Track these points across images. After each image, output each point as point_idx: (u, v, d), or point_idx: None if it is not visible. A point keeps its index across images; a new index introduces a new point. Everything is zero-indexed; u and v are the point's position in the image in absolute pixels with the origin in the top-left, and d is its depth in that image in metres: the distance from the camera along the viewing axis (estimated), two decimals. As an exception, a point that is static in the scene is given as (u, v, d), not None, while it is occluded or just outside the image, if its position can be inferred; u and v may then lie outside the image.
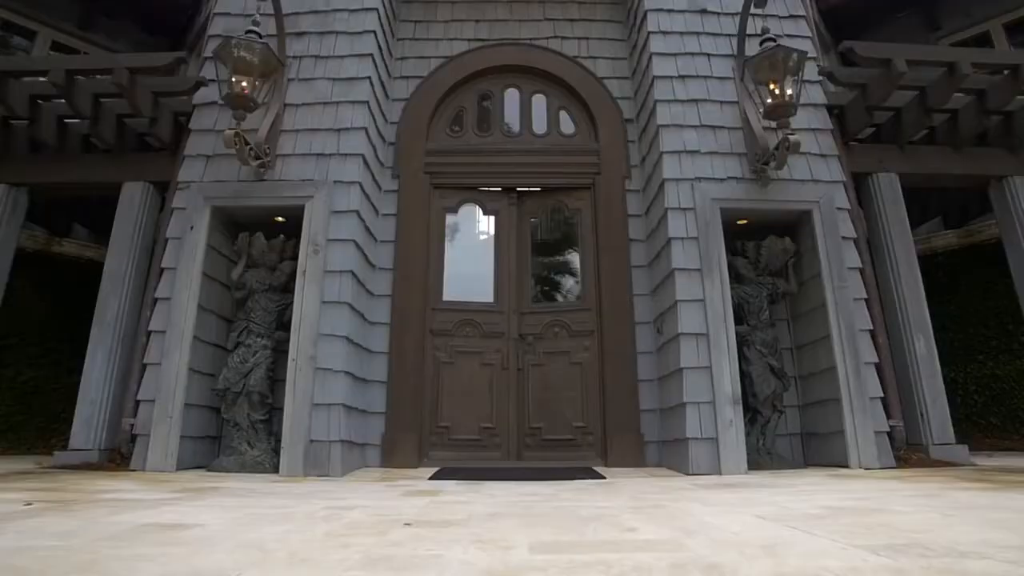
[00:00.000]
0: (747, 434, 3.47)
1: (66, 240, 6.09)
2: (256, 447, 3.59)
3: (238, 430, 3.63)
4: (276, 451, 3.46)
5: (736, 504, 1.94)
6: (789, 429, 3.90)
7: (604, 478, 3.15)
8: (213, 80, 3.89)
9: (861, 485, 2.47)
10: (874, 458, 3.33)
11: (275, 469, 3.39)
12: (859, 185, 4.23)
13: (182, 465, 3.45)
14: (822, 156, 3.99)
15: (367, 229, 4.00)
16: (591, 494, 2.33)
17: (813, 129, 4.03)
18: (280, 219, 4.04)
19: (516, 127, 4.72)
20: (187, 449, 3.53)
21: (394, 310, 4.14)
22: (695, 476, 3.23)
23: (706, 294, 3.59)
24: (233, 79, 3.54)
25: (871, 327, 3.64)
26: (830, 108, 4.19)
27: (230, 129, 3.48)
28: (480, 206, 4.89)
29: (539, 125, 4.74)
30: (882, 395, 3.51)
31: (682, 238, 3.72)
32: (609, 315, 4.14)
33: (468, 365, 4.43)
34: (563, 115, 4.77)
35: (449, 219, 4.69)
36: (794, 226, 4.00)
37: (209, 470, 3.47)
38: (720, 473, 3.26)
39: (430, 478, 3.19)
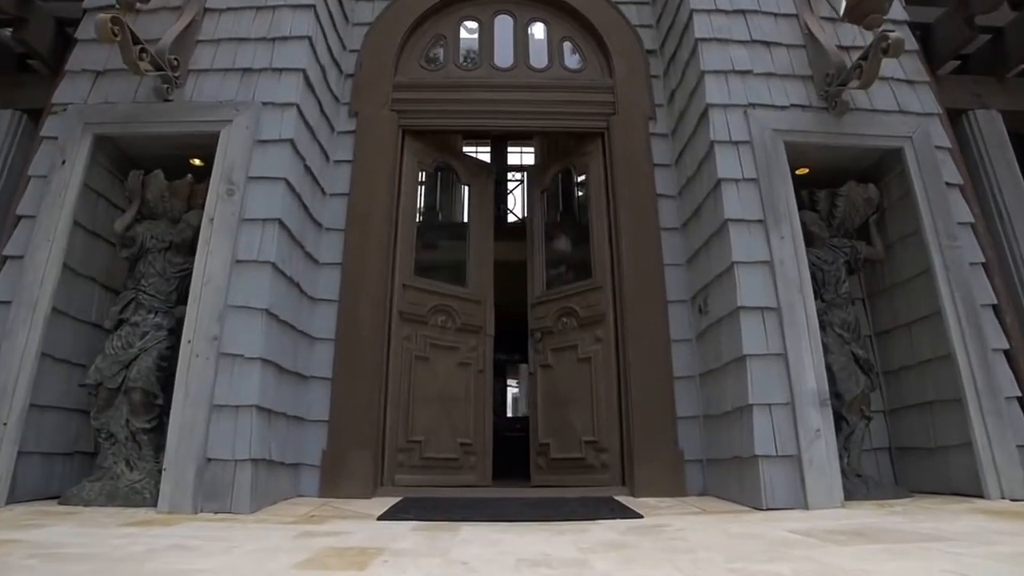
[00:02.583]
0: (829, 449, 2.46)
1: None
2: (137, 468, 2.50)
3: (113, 443, 2.55)
4: (164, 474, 2.38)
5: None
6: (873, 442, 2.90)
7: (640, 516, 2.11)
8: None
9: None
10: (1020, 483, 2.34)
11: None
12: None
13: (22, 495, 2.37)
14: (909, 83, 3.06)
15: (308, 170, 2.97)
16: (649, 561, 1.30)
17: (896, 50, 3.08)
18: (197, 162, 3.00)
19: (509, 60, 3.75)
20: (34, 471, 2.45)
21: (345, 282, 3.09)
22: (773, 512, 2.21)
23: (773, 253, 2.60)
24: (116, -50, 2.53)
25: (995, 301, 2.67)
26: (911, 27, 3.26)
27: (104, 13, 2.45)
28: (456, 172, 3.97)
29: (538, 59, 3.77)
30: (1020, 394, 2.53)
31: (736, 180, 2.74)
32: (632, 292, 3.12)
33: (444, 363, 3.43)
34: (567, 47, 3.80)
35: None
36: (873, 172, 3.04)
37: (62, 503, 2.38)
38: (807, 507, 2.23)
39: (380, 516, 2.13)
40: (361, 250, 3.16)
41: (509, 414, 10.64)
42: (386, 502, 2.59)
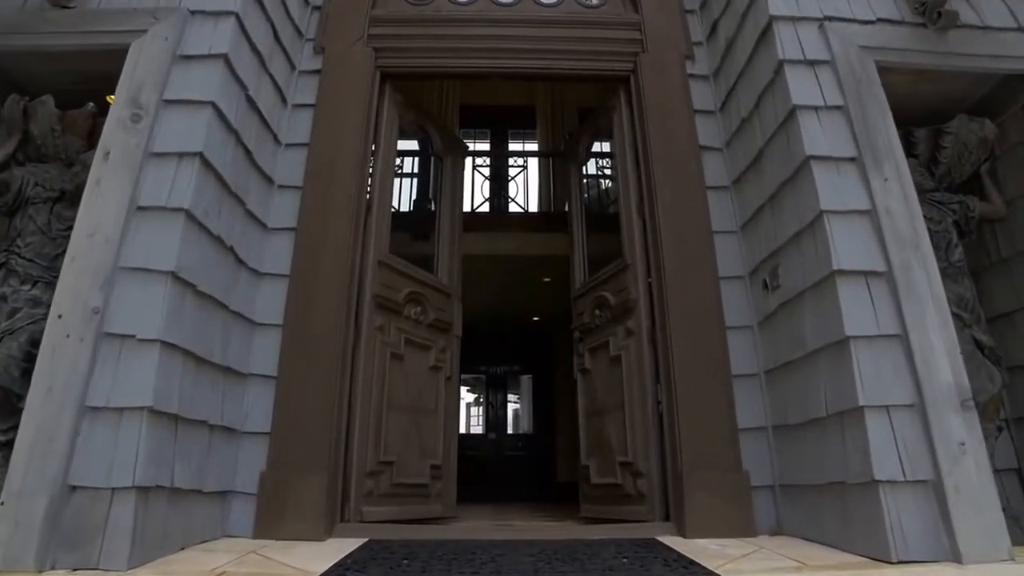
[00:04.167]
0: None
1: None
2: (-14, 499, 1.76)
3: (-43, 464, 1.81)
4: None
5: None
6: (995, 462, 2.16)
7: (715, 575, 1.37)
8: None
9: None
10: None
11: (6, 548, 1.57)
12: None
13: None
14: (1025, -3, 2.41)
15: (251, 103, 2.27)
16: None
17: (1001, -41, 2.44)
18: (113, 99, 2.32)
19: (512, -6, 3.10)
20: None
21: (299, 252, 2.38)
22: (909, 567, 1.47)
23: (876, 200, 1.89)
24: None
25: None
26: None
27: None
28: (431, 140, 3.37)
29: (547, -6, 3.13)
30: None
31: (816, 107, 2.05)
32: (672, 268, 2.40)
33: (417, 365, 2.77)
34: (583, -20, 3.17)
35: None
36: (981, 110, 2.36)
37: None
38: (959, 559, 1.50)
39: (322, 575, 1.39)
40: (322, 213, 2.45)
41: (510, 431, 9.84)
42: (344, 546, 1.85)
